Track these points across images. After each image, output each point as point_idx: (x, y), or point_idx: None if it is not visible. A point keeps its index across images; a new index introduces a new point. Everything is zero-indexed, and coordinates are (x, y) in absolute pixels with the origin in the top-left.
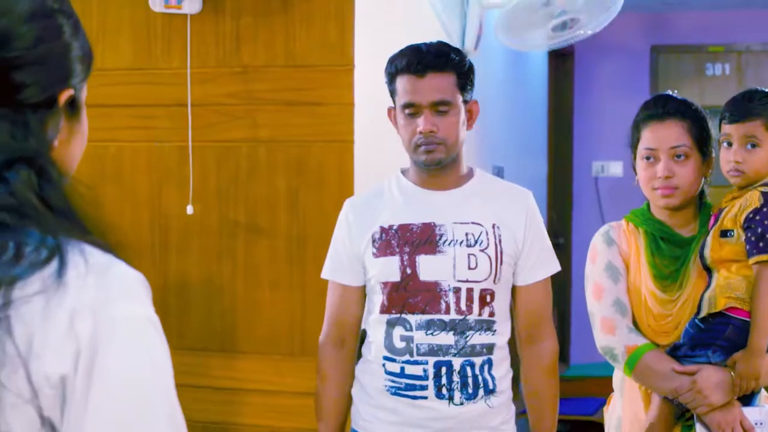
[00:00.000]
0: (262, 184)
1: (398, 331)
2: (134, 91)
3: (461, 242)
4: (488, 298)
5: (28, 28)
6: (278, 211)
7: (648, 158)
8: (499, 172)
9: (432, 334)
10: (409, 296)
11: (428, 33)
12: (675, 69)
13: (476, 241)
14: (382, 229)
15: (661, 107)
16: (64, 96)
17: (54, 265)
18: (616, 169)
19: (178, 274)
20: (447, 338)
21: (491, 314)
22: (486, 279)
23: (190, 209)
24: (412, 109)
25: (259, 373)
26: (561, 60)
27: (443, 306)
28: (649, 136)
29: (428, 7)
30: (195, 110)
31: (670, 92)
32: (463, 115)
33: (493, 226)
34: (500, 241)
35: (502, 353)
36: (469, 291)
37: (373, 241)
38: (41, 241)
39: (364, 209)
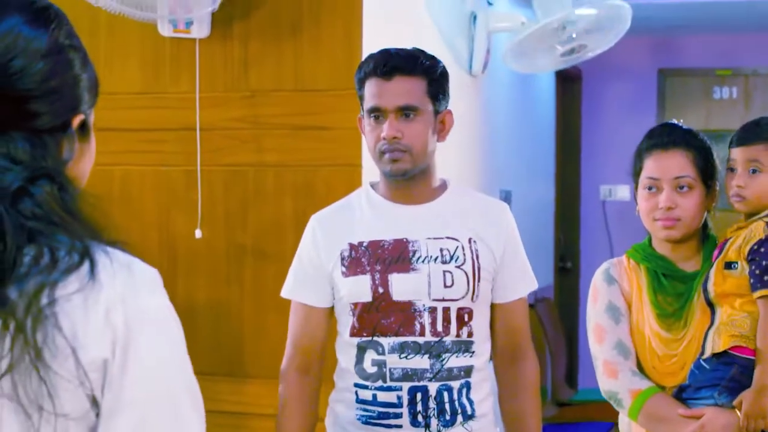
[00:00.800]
0: (269, 208)
1: (370, 355)
2: (142, 115)
3: (436, 258)
4: (466, 317)
5: (43, 64)
6: (286, 235)
7: (650, 188)
8: (506, 196)
9: (406, 357)
10: (381, 317)
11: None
12: (682, 92)
13: (452, 257)
14: (352, 246)
15: (666, 136)
16: (76, 121)
17: (86, 266)
18: (623, 192)
19: (185, 298)
20: (422, 362)
21: (470, 334)
22: (463, 297)
23: (198, 233)
24: (377, 113)
25: (266, 397)
26: (568, 83)
27: (417, 327)
28: (652, 166)
29: (436, 31)
30: (203, 134)
31: (675, 121)
32: (432, 124)
33: (470, 241)
34: (477, 256)
35: (482, 375)
36: (446, 310)
37: (342, 259)
38: (71, 246)
39: (331, 225)
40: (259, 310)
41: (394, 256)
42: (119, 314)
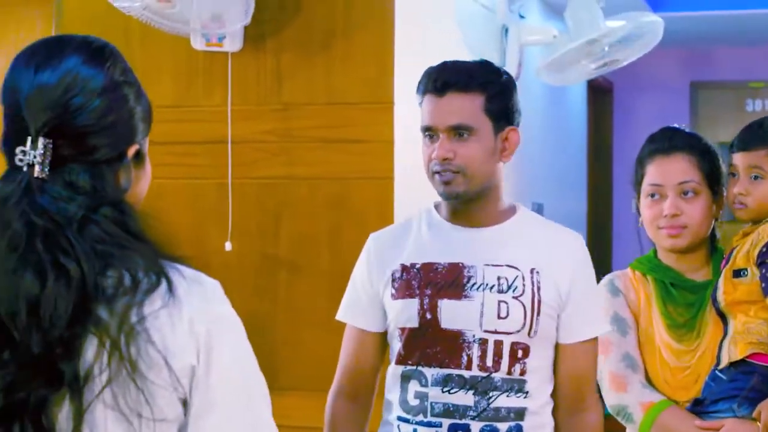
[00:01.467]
0: (302, 222)
1: (413, 387)
2: (175, 129)
3: (492, 287)
4: (520, 354)
5: (100, 101)
6: (319, 248)
7: (653, 195)
8: (538, 209)
9: (449, 391)
10: (427, 345)
11: None
12: (715, 105)
13: (509, 287)
14: (403, 268)
15: (667, 140)
16: (131, 151)
17: (164, 285)
18: None
19: None
20: (466, 398)
21: (523, 372)
22: (518, 331)
23: (228, 246)
24: (430, 132)
25: (300, 409)
26: (600, 95)
27: (464, 359)
28: (654, 172)
29: (466, 44)
30: (235, 147)
31: (678, 125)
32: (491, 144)
33: (532, 271)
34: (539, 288)
35: (538, 420)
36: (498, 344)
37: (393, 280)
38: (146, 267)
39: (387, 245)
40: (292, 323)
41: (448, 280)
42: (201, 324)
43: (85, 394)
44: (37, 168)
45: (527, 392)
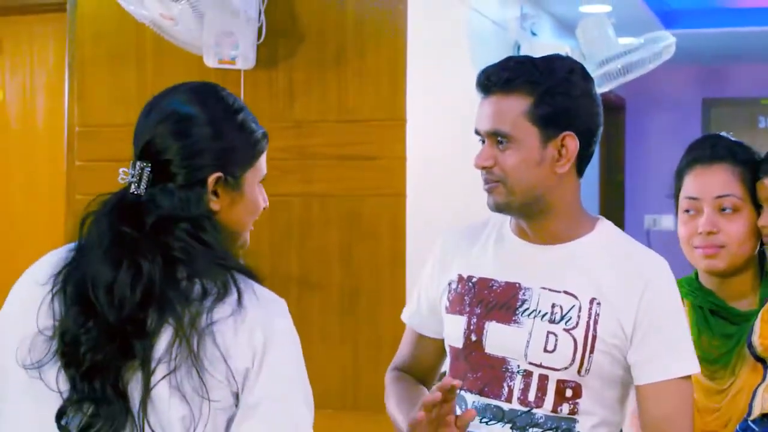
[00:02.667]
0: (314, 238)
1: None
2: None
3: (544, 315)
4: (569, 393)
5: (178, 138)
6: (331, 264)
7: (688, 210)
8: None
9: (486, 423)
10: (468, 369)
11: None
12: (727, 122)
13: (562, 317)
14: (460, 279)
15: (708, 149)
16: (211, 178)
17: (234, 295)
18: (668, 222)
19: None
20: (502, 431)
21: (573, 412)
22: (566, 368)
23: (241, 262)
24: (479, 136)
25: (313, 426)
26: (612, 112)
27: (505, 390)
28: (691, 184)
29: (480, 61)
30: None
31: (724, 133)
32: (536, 154)
33: (591, 301)
34: (596, 321)
35: None
36: (543, 379)
37: (449, 291)
38: (216, 277)
39: (453, 248)
40: (304, 338)
41: (501, 301)
42: (260, 334)
43: (156, 373)
44: (132, 186)
45: None
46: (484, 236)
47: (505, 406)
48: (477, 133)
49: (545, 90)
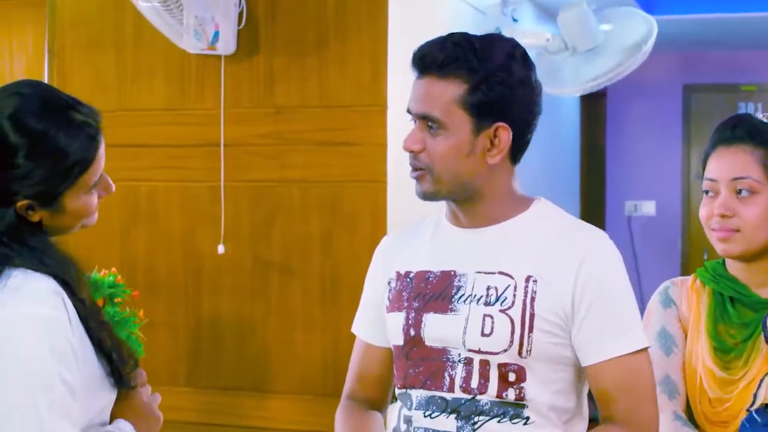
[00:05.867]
0: (294, 225)
1: (402, 411)
2: (167, 132)
3: (479, 299)
4: (512, 377)
5: None
6: (311, 251)
7: (707, 192)
8: None
9: (431, 416)
10: (410, 366)
11: None
12: (707, 108)
13: (497, 299)
14: (398, 276)
15: (729, 130)
16: (19, 205)
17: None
18: (649, 208)
19: (210, 313)
20: (447, 423)
21: (520, 398)
22: (505, 351)
23: (221, 249)
24: (410, 118)
25: (291, 413)
26: (593, 100)
27: (447, 381)
28: (711, 165)
29: None
30: (228, 150)
31: (753, 112)
32: (467, 143)
33: (528, 279)
34: (533, 299)
35: None
36: (484, 364)
37: (389, 290)
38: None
39: (392, 249)
40: (285, 325)
41: (436, 291)
42: None
43: None
44: None
45: (528, 419)
46: (422, 230)
47: (448, 396)
48: (409, 112)
49: (482, 78)
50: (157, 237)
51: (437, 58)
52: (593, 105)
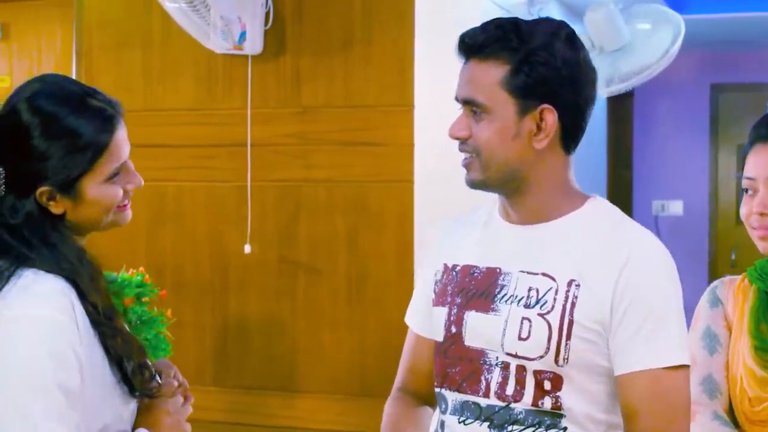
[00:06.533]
0: (321, 224)
1: (437, 413)
2: (194, 132)
3: (520, 300)
4: (548, 385)
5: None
6: (337, 250)
7: (746, 190)
8: None
9: (464, 422)
10: (448, 364)
11: None
12: (735, 107)
13: (537, 301)
14: (445, 268)
15: (765, 127)
16: (38, 192)
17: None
18: (676, 207)
19: (237, 312)
20: (481, 430)
21: (556, 407)
22: (541, 357)
23: (247, 248)
24: (460, 105)
25: (318, 412)
26: (620, 99)
27: (483, 385)
28: (749, 163)
29: None
30: (254, 150)
31: None
32: (512, 126)
33: (570, 283)
34: (573, 304)
35: None
36: (520, 370)
37: (436, 282)
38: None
39: (443, 239)
40: (312, 324)
41: (480, 288)
42: None
43: None
44: None
45: (566, 429)
46: (473, 221)
47: (483, 402)
48: (456, 99)
49: (522, 57)
50: (184, 237)
51: (478, 39)
52: (620, 104)
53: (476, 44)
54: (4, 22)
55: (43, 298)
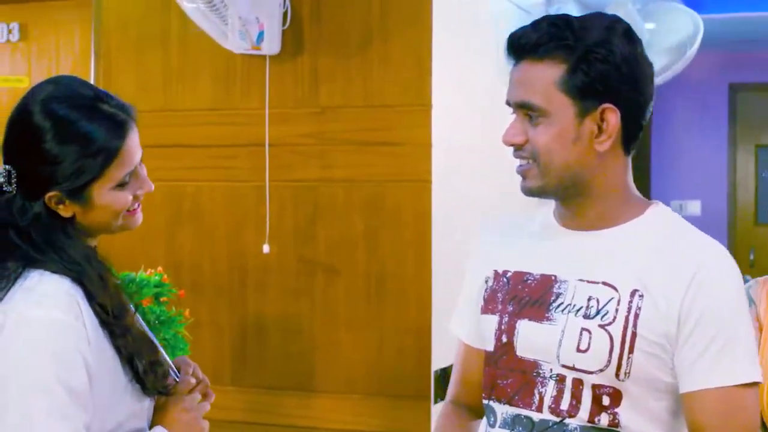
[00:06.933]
0: (339, 224)
1: (484, 426)
2: (213, 132)
3: (579, 309)
4: (606, 401)
5: (12, 155)
6: (355, 250)
7: None
8: None
9: None
10: (499, 375)
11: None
12: (753, 107)
13: (598, 312)
14: (495, 274)
15: None
16: (47, 197)
17: (11, 283)
18: (694, 207)
19: (255, 312)
20: None
21: (614, 424)
22: (601, 370)
23: (266, 248)
24: (510, 110)
25: (335, 412)
26: None
27: (536, 398)
28: None
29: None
30: (272, 150)
31: None
32: (572, 129)
33: (633, 293)
34: (637, 316)
35: None
36: (577, 384)
37: (485, 289)
38: (6, 270)
39: (492, 243)
40: (329, 325)
41: (534, 296)
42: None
43: None
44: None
45: None
46: (526, 225)
47: (535, 416)
48: (508, 104)
49: (580, 55)
50: (202, 236)
51: (531, 38)
52: None
53: (529, 44)
54: (22, 23)
55: (48, 299)
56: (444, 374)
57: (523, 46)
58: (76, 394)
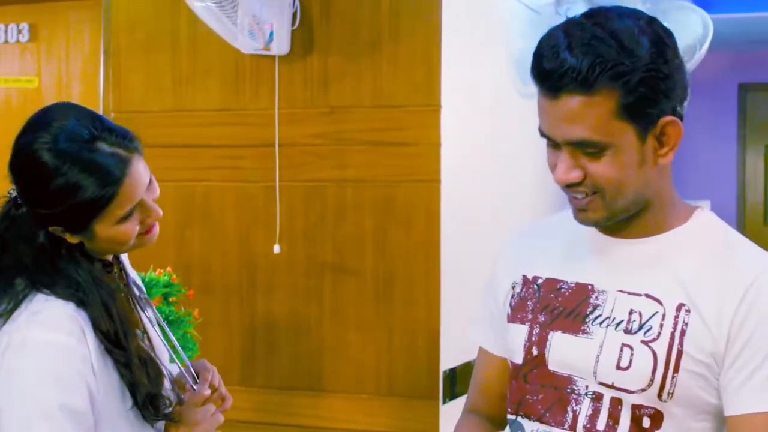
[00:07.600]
0: (349, 224)
1: None
2: (223, 132)
3: (619, 323)
4: (646, 422)
5: (23, 185)
6: (365, 250)
7: None
8: None
9: None
10: (528, 390)
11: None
12: (763, 107)
13: (641, 327)
14: (525, 281)
15: None
16: (52, 228)
17: (14, 306)
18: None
19: (265, 312)
20: None
21: None
22: (643, 390)
23: (276, 248)
24: (549, 140)
25: (344, 412)
26: None
27: (569, 417)
28: None
29: (516, 48)
30: (282, 150)
31: None
32: (636, 153)
33: (679, 308)
34: (683, 333)
35: None
36: (615, 403)
37: (512, 296)
38: (13, 293)
39: (520, 247)
40: (339, 325)
41: (568, 307)
42: (5, 339)
43: None
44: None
45: None
46: (557, 229)
47: None
48: (544, 136)
49: (637, 79)
50: (212, 237)
51: (574, 71)
52: None
53: (579, 76)
54: (32, 24)
55: (52, 323)
56: (453, 374)
57: (570, 79)
58: (79, 416)
